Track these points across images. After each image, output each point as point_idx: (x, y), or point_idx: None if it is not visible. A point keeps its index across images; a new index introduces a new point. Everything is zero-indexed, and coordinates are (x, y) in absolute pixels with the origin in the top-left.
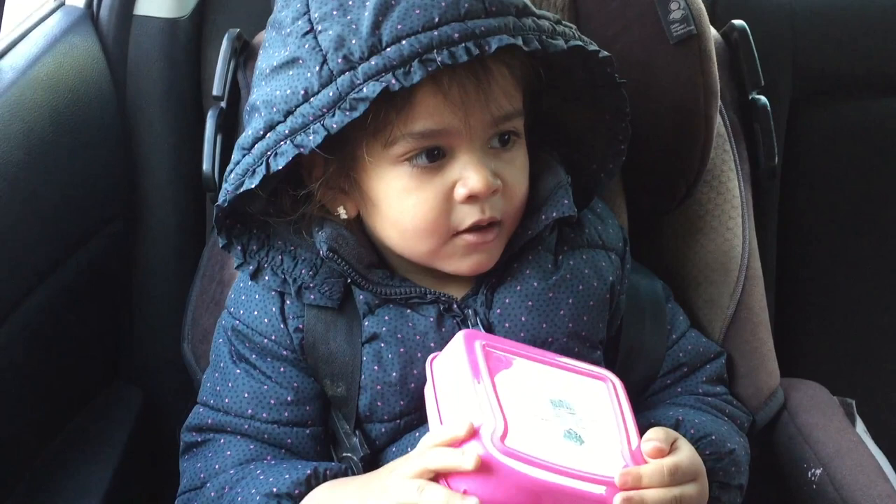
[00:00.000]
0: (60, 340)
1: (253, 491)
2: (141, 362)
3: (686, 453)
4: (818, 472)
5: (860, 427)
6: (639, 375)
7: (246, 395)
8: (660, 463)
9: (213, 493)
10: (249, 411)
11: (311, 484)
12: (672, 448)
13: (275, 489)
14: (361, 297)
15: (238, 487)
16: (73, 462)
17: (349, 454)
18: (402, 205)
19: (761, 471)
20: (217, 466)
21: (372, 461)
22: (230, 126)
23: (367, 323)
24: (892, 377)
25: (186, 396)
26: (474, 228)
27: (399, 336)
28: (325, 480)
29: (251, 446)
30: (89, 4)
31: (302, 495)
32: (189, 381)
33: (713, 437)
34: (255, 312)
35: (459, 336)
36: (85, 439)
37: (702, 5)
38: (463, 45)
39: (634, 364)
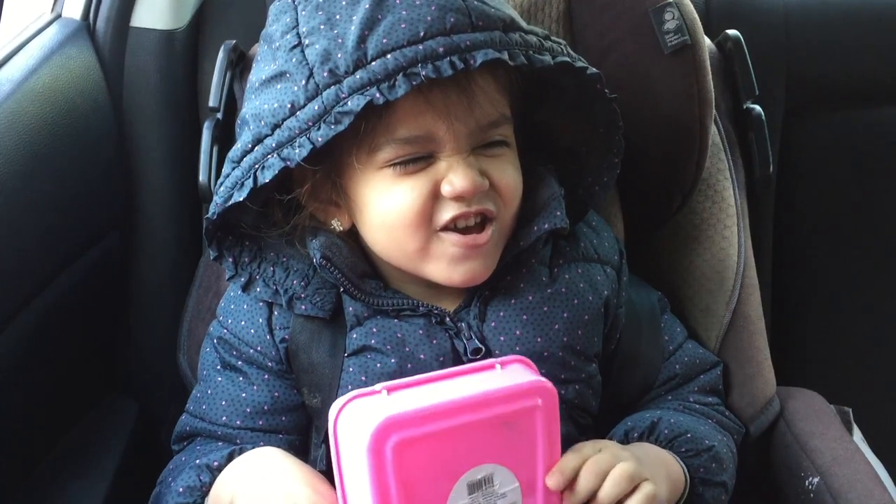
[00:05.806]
0: (57, 352)
1: (187, 467)
2: (137, 374)
3: (611, 453)
4: (815, 480)
5: (857, 435)
6: (635, 386)
7: (223, 403)
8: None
9: (170, 480)
10: (224, 418)
11: (232, 458)
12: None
13: (198, 461)
14: (351, 308)
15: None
16: (70, 473)
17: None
18: (388, 201)
19: (758, 479)
20: (184, 459)
21: None
22: (227, 137)
23: (354, 335)
24: (889, 385)
25: (182, 408)
26: (465, 230)
27: (389, 347)
28: None
29: (219, 445)
30: (86, 16)
31: (220, 468)
32: (185, 393)
33: (689, 435)
34: (243, 322)
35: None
36: (81, 451)
37: (696, 15)
38: (448, 59)
39: (631, 375)
